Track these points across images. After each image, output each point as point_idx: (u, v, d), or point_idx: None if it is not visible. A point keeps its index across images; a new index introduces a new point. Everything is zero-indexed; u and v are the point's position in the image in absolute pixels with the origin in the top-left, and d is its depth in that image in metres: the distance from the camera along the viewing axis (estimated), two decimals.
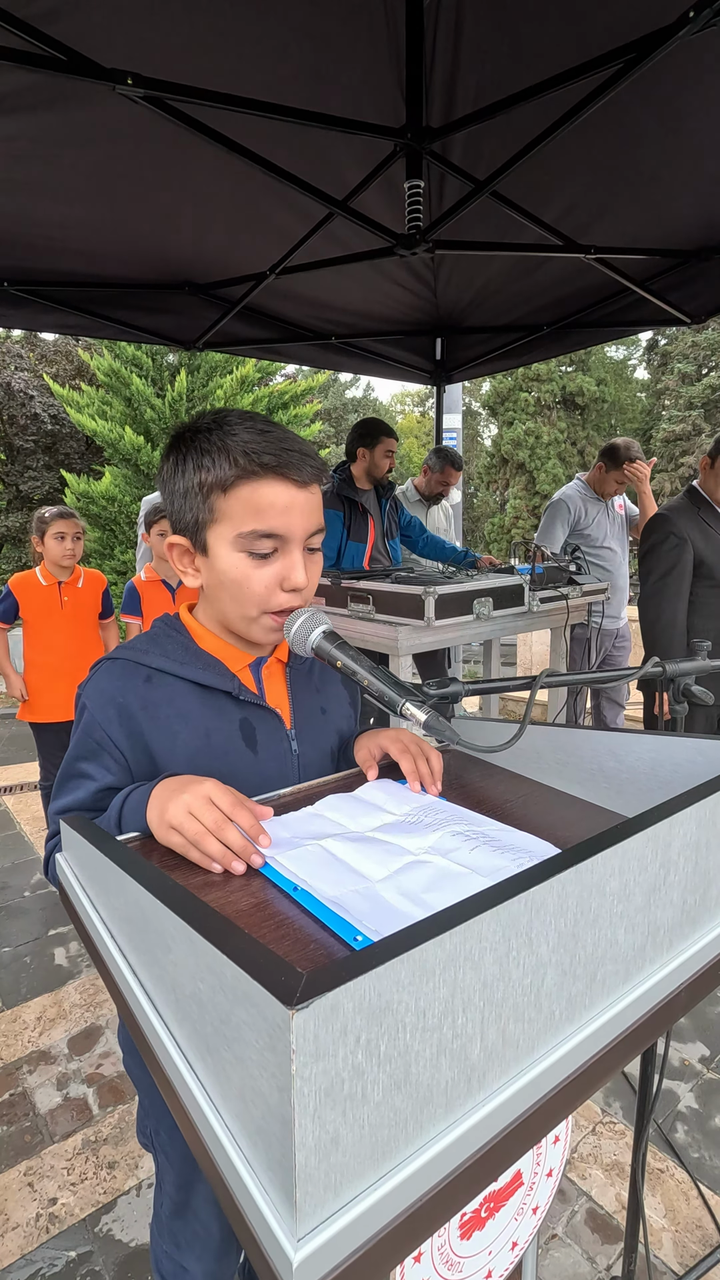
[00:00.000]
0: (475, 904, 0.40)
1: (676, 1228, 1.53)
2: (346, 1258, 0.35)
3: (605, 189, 2.26)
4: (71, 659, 2.91)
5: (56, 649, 2.90)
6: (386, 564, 3.41)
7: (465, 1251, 0.66)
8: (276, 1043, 0.33)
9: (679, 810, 0.54)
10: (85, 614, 2.98)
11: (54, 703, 2.90)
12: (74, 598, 2.94)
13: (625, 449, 3.33)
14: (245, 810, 0.67)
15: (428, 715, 0.74)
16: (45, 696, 2.90)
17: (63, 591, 2.91)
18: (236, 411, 0.83)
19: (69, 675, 2.89)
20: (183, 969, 0.44)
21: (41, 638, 2.90)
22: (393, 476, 3.40)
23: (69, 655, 2.91)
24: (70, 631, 2.93)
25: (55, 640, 2.90)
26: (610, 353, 20.04)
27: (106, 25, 1.50)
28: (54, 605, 2.90)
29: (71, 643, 2.93)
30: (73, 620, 2.94)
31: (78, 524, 2.88)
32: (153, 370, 8.67)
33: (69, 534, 2.84)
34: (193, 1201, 1.01)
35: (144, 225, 2.45)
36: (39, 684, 2.90)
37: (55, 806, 0.85)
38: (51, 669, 2.89)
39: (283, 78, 1.72)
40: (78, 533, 2.88)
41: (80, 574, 2.98)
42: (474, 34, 1.65)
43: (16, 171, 2.02)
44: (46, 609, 2.89)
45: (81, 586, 2.97)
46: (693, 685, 1.04)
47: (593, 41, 1.56)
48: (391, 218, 2.26)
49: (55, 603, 2.90)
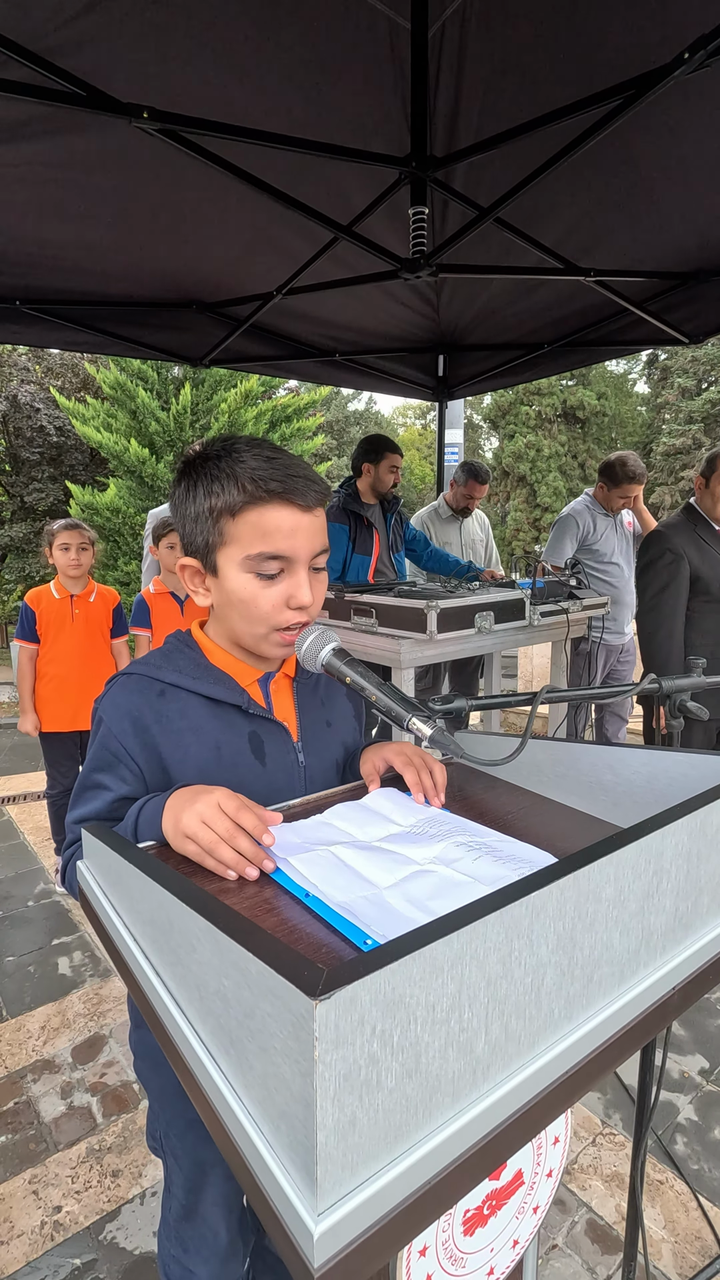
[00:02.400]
0: (481, 906, 0.43)
1: (676, 1239, 1.54)
2: (363, 1232, 0.38)
3: (604, 213, 2.32)
4: (81, 671, 2.94)
5: (66, 661, 2.93)
6: (391, 577, 3.45)
7: (468, 1247, 0.69)
8: (300, 1032, 0.36)
9: (671, 821, 0.58)
10: (96, 628, 3.01)
11: (61, 713, 2.94)
12: (85, 611, 2.97)
13: (620, 465, 3.37)
14: (250, 813, 0.71)
15: (433, 730, 0.78)
16: (53, 706, 2.94)
17: (74, 604, 2.95)
18: (244, 439, 0.87)
19: (77, 687, 2.93)
20: (208, 968, 0.47)
21: (53, 649, 2.93)
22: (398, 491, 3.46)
23: (78, 668, 2.94)
24: (81, 644, 2.96)
25: (66, 652, 2.94)
26: (611, 367, 20.20)
27: (120, 57, 1.56)
28: (66, 617, 2.94)
29: (81, 656, 2.96)
30: (84, 633, 2.97)
31: (84, 534, 2.91)
32: (158, 384, 8.77)
33: (74, 545, 2.88)
34: (201, 1205, 1.03)
35: (154, 246, 2.51)
36: (48, 694, 2.93)
37: (73, 816, 0.89)
38: (60, 680, 2.93)
39: (292, 109, 1.78)
40: (83, 543, 2.90)
41: (94, 588, 3.02)
42: (476, 68, 1.71)
43: (30, 194, 2.08)
44: (59, 621, 2.93)
45: (94, 601, 3.00)
46: (688, 701, 1.08)
47: (594, 76, 1.61)
48: (396, 241, 2.32)
49: (67, 615, 2.94)
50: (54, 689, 2.93)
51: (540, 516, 17.72)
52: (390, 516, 3.47)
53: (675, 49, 1.40)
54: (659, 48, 1.48)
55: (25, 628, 2.90)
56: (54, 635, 2.93)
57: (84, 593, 2.98)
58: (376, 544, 3.37)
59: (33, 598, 2.92)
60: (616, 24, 1.53)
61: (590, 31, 1.55)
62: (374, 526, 3.36)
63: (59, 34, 1.45)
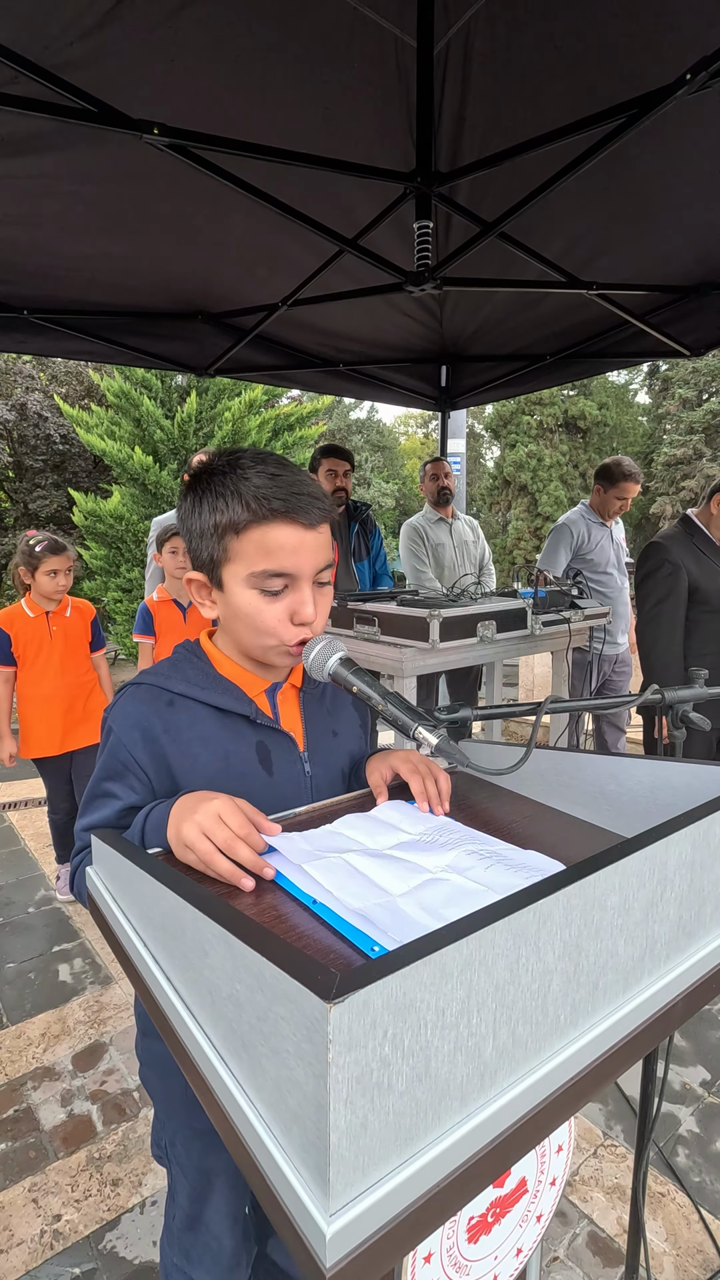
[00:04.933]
0: (490, 913, 0.44)
1: (678, 1252, 1.54)
2: (373, 1233, 0.39)
3: (606, 227, 2.35)
4: (64, 688, 2.88)
5: (49, 679, 2.86)
6: (351, 587, 3.47)
7: (473, 1255, 0.69)
8: (314, 1034, 0.37)
9: (675, 831, 0.59)
10: (75, 642, 2.95)
11: (48, 737, 2.87)
12: (63, 627, 2.90)
13: (617, 465, 3.42)
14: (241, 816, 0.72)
15: (439, 739, 0.79)
16: (38, 730, 2.86)
17: (50, 621, 2.87)
18: (249, 452, 0.88)
19: (63, 703, 2.88)
20: (220, 972, 0.48)
21: (33, 670, 2.85)
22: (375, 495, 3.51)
23: (61, 685, 2.88)
24: (61, 661, 2.89)
25: (47, 671, 2.86)
26: (612, 378, 20.31)
27: (132, 74, 1.58)
28: (44, 636, 2.85)
29: (63, 672, 2.89)
30: (63, 649, 2.90)
31: (69, 558, 2.82)
32: (162, 392, 8.83)
33: (61, 570, 2.79)
34: (205, 1214, 1.03)
35: (161, 258, 2.54)
36: (32, 717, 2.86)
37: (82, 824, 0.89)
38: (44, 700, 2.86)
39: (299, 125, 1.81)
40: (69, 567, 2.82)
41: (68, 603, 2.94)
42: (481, 85, 1.73)
43: (38, 206, 2.11)
44: (37, 641, 2.84)
45: (70, 615, 2.94)
46: (690, 712, 1.09)
47: (597, 95, 1.64)
48: (400, 254, 2.34)
49: (44, 633, 2.85)
50: (38, 711, 2.86)
51: (541, 526, 17.77)
52: (354, 525, 3.48)
53: (677, 70, 1.43)
54: (661, 68, 1.51)
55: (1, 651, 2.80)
56: (33, 656, 2.84)
57: (59, 609, 2.90)
58: (336, 553, 3.40)
59: (4, 619, 2.81)
60: (620, 44, 1.55)
61: (594, 51, 1.58)
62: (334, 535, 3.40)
63: (71, 50, 1.48)
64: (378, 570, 3.73)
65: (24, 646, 2.84)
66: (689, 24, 1.47)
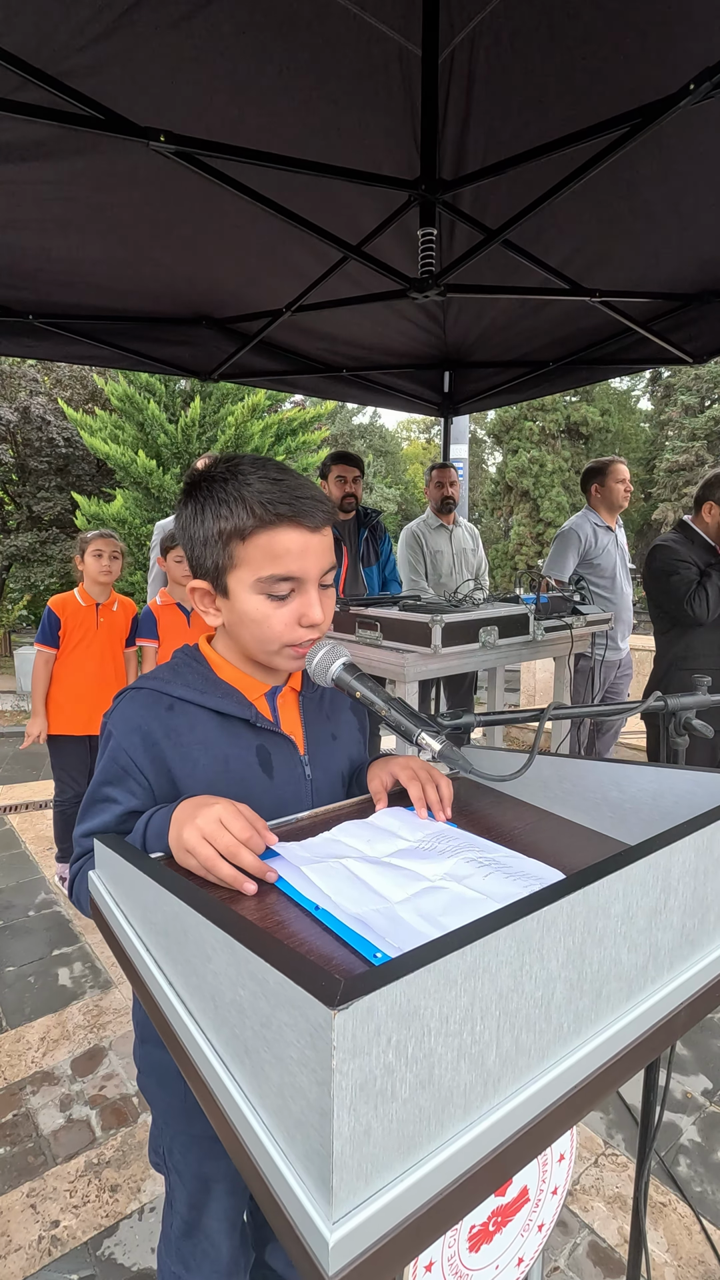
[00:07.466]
0: (493, 920, 0.44)
1: (679, 1262, 1.53)
2: (376, 1241, 0.39)
3: (609, 235, 2.36)
4: (99, 678, 3.01)
5: (85, 670, 2.99)
6: (360, 592, 3.47)
7: (474, 1264, 0.69)
8: (318, 1041, 0.37)
9: (678, 839, 0.58)
10: (117, 638, 3.09)
11: (76, 716, 2.98)
12: (109, 620, 3.05)
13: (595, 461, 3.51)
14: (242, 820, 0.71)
15: (442, 744, 0.79)
16: (68, 710, 2.97)
17: (100, 613, 3.02)
18: (249, 458, 0.88)
19: (91, 698, 2.98)
20: (223, 978, 0.48)
21: (74, 656, 2.98)
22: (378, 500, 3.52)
23: (96, 674, 3.00)
24: (100, 654, 3.03)
25: (86, 661, 2.99)
26: (614, 384, 20.36)
27: (138, 82, 1.59)
28: (90, 625, 3.00)
29: (100, 666, 3.02)
30: (105, 643, 3.04)
31: (116, 544, 3.00)
32: (165, 396, 8.86)
33: (106, 552, 2.97)
34: (203, 1221, 1.03)
35: (166, 263, 2.56)
36: (61, 699, 2.97)
37: (81, 829, 0.89)
38: (78, 687, 2.98)
39: (304, 132, 1.82)
40: (115, 552, 2.99)
41: (115, 598, 3.10)
42: (485, 94, 1.74)
43: (44, 212, 2.12)
44: (83, 628, 2.99)
45: (116, 610, 3.08)
46: (694, 719, 1.09)
47: (600, 104, 1.65)
48: (404, 261, 2.35)
49: (91, 623, 3.00)
50: (70, 694, 2.98)
51: (543, 531, 17.79)
52: (364, 530, 3.49)
53: (680, 80, 1.44)
54: (664, 78, 1.52)
55: (47, 633, 2.94)
56: (76, 642, 2.98)
57: (108, 601, 3.06)
58: (345, 558, 3.40)
59: (58, 604, 2.97)
60: (623, 54, 1.56)
61: (598, 60, 1.59)
62: (343, 540, 3.39)
63: (78, 57, 1.49)
64: (386, 576, 3.73)
65: (69, 632, 2.97)
66: (692, 34, 1.48)
